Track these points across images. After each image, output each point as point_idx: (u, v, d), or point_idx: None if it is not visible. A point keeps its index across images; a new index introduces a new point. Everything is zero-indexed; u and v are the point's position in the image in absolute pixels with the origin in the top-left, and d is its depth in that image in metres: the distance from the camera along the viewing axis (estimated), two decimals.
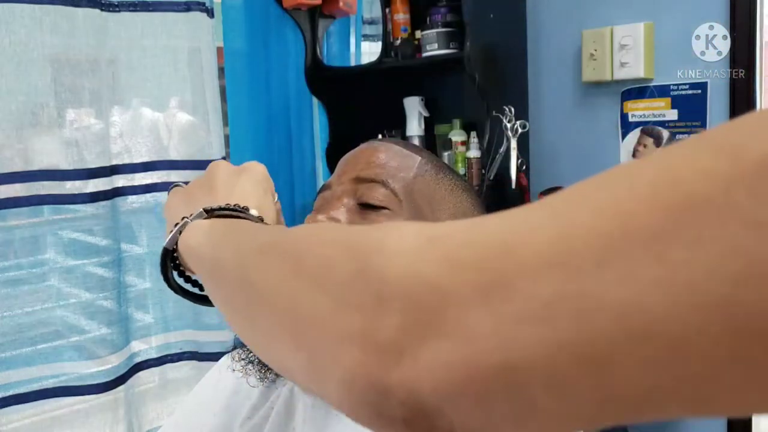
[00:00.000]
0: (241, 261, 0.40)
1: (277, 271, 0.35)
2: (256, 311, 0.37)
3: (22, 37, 1.36)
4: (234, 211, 0.53)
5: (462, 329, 0.25)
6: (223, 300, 0.44)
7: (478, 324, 0.24)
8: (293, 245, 0.36)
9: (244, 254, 0.41)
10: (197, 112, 1.64)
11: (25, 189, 1.40)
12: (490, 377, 0.24)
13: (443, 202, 0.77)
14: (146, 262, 1.65)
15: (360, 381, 0.27)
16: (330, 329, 0.29)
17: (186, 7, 1.57)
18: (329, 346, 0.29)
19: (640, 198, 0.22)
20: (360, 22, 2.21)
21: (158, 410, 1.66)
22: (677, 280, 0.20)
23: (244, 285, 0.38)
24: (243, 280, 0.39)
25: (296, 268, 0.34)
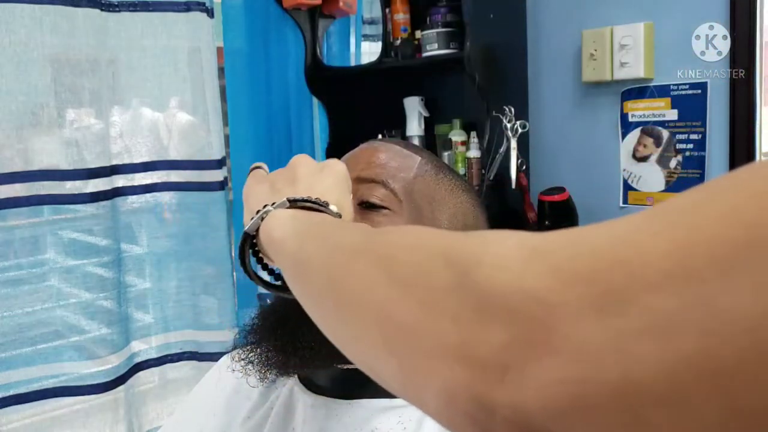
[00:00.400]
0: (330, 261, 0.40)
1: (368, 276, 0.35)
2: (344, 313, 0.37)
3: (22, 37, 1.36)
4: (315, 204, 0.53)
5: (574, 345, 0.23)
6: (307, 297, 0.43)
7: (592, 339, 0.23)
8: (385, 249, 0.36)
9: (332, 254, 0.40)
10: (197, 112, 1.64)
11: (25, 189, 1.40)
12: (605, 394, 0.23)
13: (443, 202, 0.77)
14: (146, 262, 1.65)
15: (461, 396, 0.27)
16: (425, 339, 0.29)
17: (186, 7, 1.57)
18: (424, 356, 0.28)
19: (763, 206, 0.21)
20: (360, 22, 2.21)
21: (158, 410, 1.66)
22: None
23: (332, 286, 0.38)
24: (331, 281, 0.38)
25: (388, 273, 0.33)
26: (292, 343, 0.67)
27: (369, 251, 0.37)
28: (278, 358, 0.68)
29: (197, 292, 1.68)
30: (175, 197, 1.64)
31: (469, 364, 0.26)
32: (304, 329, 0.68)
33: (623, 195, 1.91)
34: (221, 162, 1.65)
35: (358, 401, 0.72)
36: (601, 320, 0.23)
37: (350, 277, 0.36)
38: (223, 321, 1.67)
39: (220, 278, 1.67)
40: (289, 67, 1.99)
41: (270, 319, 0.71)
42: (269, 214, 0.52)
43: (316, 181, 0.58)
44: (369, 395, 0.73)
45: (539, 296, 0.25)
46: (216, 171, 1.64)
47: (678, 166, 1.66)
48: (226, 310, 1.67)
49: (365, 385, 0.73)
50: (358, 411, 0.72)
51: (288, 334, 0.68)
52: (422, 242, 0.34)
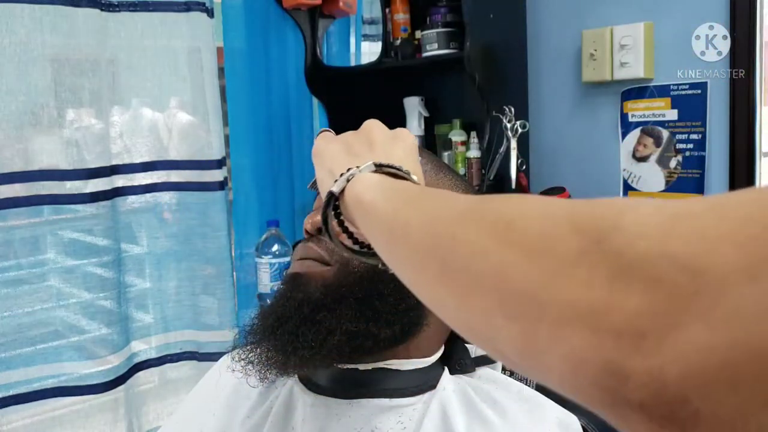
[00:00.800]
0: (433, 227, 0.39)
1: (481, 242, 0.34)
2: (451, 278, 0.35)
3: (22, 37, 1.36)
4: (400, 171, 0.52)
5: (725, 311, 0.23)
6: (404, 262, 0.42)
7: (745, 305, 0.23)
8: (497, 215, 0.35)
9: (435, 220, 0.39)
10: (197, 112, 1.64)
11: (25, 189, 1.40)
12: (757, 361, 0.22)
13: None
14: (146, 262, 1.65)
15: (591, 362, 0.26)
16: (551, 306, 0.28)
17: (186, 7, 1.57)
18: (551, 322, 0.28)
19: None
20: (360, 22, 2.21)
21: (158, 410, 1.66)
22: None
23: (437, 251, 0.37)
24: (436, 246, 0.37)
25: (504, 239, 0.32)
26: (292, 343, 0.67)
27: (479, 218, 0.36)
28: (278, 358, 0.68)
29: (197, 292, 1.68)
30: (175, 197, 1.64)
31: (601, 331, 0.26)
32: (303, 329, 0.68)
33: (623, 195, 1.91)
34: (221, 162, 1.65)
35: (357, 401, 0.72)
36: (754, 285, 0.23)
37: (459, 242, 0.35)
38: (223, 321, 1.67)
39: (220, 278, 1.67)
40: (289, 67, 1.99)
41: (270, 319, 0.71)
42: (355, 177, 0.51)
43: (392, 149, 0.56)
44: (369, 395, 0.73)
45: (685, 261, 0.24)
46: (216, 171, 1.64)
47: (678, 166, 1.66)
48: (226, 310, 1.67)
49: (365, 384, 0.73)
50: (357, 411, 0.72)
51: (288, 334, 0.68)
52: (541, 209, 0.33)
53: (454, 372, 0.77)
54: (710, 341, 0.23)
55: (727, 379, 0.23)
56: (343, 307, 0.68)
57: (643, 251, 0.26)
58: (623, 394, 0.25)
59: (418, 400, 0.73)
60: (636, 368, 0.25)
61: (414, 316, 0.72)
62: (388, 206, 0.45)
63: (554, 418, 0.71)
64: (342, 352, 0.68)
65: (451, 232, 0.37)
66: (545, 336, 0.28)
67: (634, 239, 0.26)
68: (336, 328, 0.67)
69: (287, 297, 0.71)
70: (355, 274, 0.70)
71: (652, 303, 0.25)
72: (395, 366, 0.73)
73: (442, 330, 0.78)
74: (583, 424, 0.76)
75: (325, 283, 0.70)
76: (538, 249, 0.30)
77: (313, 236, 0.73)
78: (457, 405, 0.71)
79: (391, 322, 0.69)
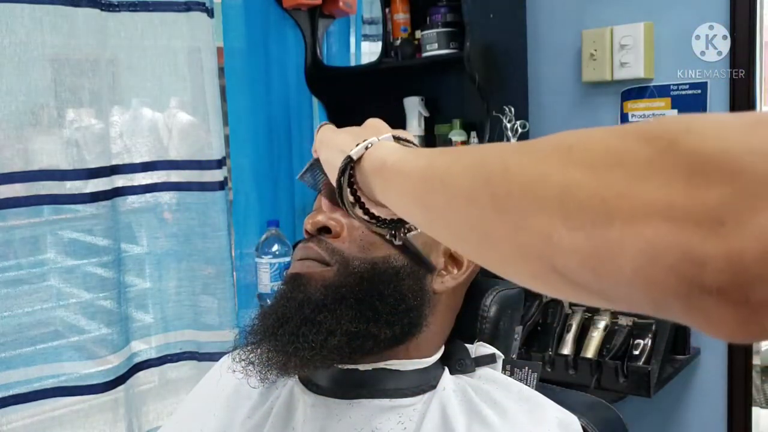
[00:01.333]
0: (481, 165, 0.39)
1: (538, 167, 0.34)
2: (505, 207, 0.36)
3: (22, 37, 1.36)
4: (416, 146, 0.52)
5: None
6: (443, 209, 0.42)
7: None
8: (557, 143, 0.35)
9: (483, 159, 0.39)
10: (197, 112, 1.64)
11: (25, 189, 1.40)
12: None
13: None
14: (146, 262, 1.65)
15: (670, 252, 0.27)
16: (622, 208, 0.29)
17: (186, 7, 1.57)
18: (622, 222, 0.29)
19: None
20: (360, 22, 2.20)
21: (158, 410, 1.66)
22: None
23: (488, 186, 0.37)
24: (486, 181, 0.37)
25: (567, 160, 0.33)
26: (293, 344, 0.67)
27: (532, 150, 0.36)
28: (279, 358, 0.68)
29: (197, 292, 1.68)
30: (175, 197, 1.64)
31: (679, 222, 0.27)
32: (304, 330, 0.68)
33: None
34: (221, 162, 1.65)
35: (358, 401, 0.73)
36: None
37: (513, 173, 0.35)
38: (223, 321, 1.67)
39: (220, 278, 1.67)
40: (289, 67, 1.99)
41: (270, 319, 0.71)
42: (375, 145, 0.51)
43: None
44: (369, 395, 0.73)
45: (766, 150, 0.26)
46: (216, 171, 1.64)
47: None
48: (226, 310, 1.67)
49: (365, 385, 0.73)
50: (358, 411, 0.72)
51: (289, 334, 0.68)
52: (602, 132, 0.33)
53: (454, 372, 0.77)
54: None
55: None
56: (343, 308, 0.68)
57: (722, 147, 0.27)
58: (700, 280, 0.26)
59: (418, 400, 0.73)
60: (715, 253, 0.26)
61: (414, 316, 0.72)
62: (420, 161, 0.45)
63: (554, 418, 0.71)
64: (342, 352, 0.68)
65: (502, 166, 0.37)
66: (616, 237, 0.29)
67: (710, 139, 0.27)
68: (336, 328, 0.67)
69: (288, 297, 0.71)
70: (356, 274, 0.70)
71: (734, 192, 0.26)
72: (395, 366, 0.73)
73: (443, 330, 0.79)
74: (583, 424, 0.76)
75: (325, 284, 0.70)
76: (605, 163, 0.31)
77: (313, 236, 0.74)
78: (457, 405, 0.71)
79: (391, 323, 0.69)
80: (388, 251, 0.71)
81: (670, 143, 0.28)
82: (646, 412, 1.90)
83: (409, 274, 0.72)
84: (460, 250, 0.44)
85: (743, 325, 0.27)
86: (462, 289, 0.80)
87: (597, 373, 1.59)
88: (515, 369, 0.83)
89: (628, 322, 1.67)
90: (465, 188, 0.39)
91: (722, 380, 1.82)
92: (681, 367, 1.71)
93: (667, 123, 0.30)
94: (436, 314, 0.75)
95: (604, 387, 1.58)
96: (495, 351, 0.79)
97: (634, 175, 0.29)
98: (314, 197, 0.80)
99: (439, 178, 0.42)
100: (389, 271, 0.71)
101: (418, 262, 0.72)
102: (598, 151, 0.31)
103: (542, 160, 0.34)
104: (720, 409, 1.83)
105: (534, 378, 0.83)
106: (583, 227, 0.31)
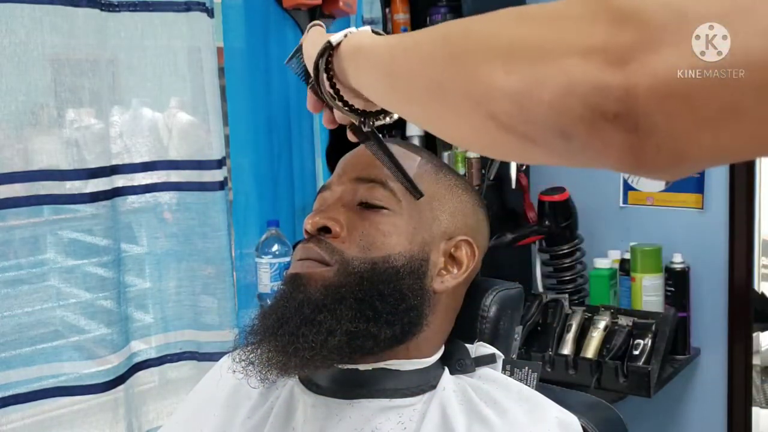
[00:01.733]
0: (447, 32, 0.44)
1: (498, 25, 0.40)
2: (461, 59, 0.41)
3: (22, 37, 1.36)
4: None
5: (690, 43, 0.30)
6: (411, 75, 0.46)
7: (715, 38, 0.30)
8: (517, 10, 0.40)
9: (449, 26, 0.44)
10: (197, 112, 1.64)
11: (25, 189, 1.40)
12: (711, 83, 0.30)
13: (443, 201, 0.77)
14: (146, 262, 1.65)
15: (582, 84, 0.33)
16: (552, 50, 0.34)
17: (186, 7, 1.57)
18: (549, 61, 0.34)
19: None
20: (360, 22, 2.20)
21: (158, 410, 1.66)
22: None
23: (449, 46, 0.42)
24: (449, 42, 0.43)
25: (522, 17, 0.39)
26: (293, 344, 0.67)
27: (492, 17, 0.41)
28: (279, 358, 0.68)
29: (197, 292, 1.68)
30: (175, 197, 1.64)
31: (594, 60, 0.32)
32: (304, 330, 0.68)
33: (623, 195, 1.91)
34: (221, 162, 1.65)
35: (358, 401, 0.73)
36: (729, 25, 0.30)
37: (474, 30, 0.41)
38: (223, 321, 1.67)
39: (220, 278, 1.67)
40: None
41: (270, 319, 0.71)
42: (353, 33, 0.56)
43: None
44: (369, 395, 0.73)
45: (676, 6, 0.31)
46: (216, 171, 1.64)
47: None
48: (226, 310, 1.67)
49: (365, 385, 0.73)
50: (358, 411, 0.72)
51: (289, 334, 0.68)
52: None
53: (454, 372, 0.77)
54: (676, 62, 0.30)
55: (683, 94, 0.30)
56: (343, 308, 0.68)
57: (642, 3, 0.32)
58: (603, 108, 0.32)
59: (418, 400, 0.73)
60: (617, 85, 0.31)
61: (414, 316, 0.72)
62: (391, 40, 0.51)
63: (554, 417, 0.71)
64: (342, 352, 0.68)
65: (463, 29, 0.43)
66: (542, 73, 0.35)
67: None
68: (336, 328, 0.67)
69: (288, 297, 0.71)
70: (356, 274, 0.70)
71: (641, 37, 0.31)
72: (395, 366, 0.73)
73: (443, 330, 0.79)
74: (583, 424, 0.76)
75: (325, 284, 0.70)
76: (549, 18, 0.37)
77: (313, 236, 0.74)
78: (457, 405, 0.71)
79: (391, 323, 0.70)
80: (388, 251, 0.72)
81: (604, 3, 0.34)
82: (646, 412, 1.90)
83: (409, 273, 0.72)
84: (414, 114, 0.49)
85: (633, 150, 0.32)
86: (462, 289, 0.80)
87: (597, 373, 1.59)
88: (515, 369, 0.83)
89: (628, 322, 1.67)
90: (426, 51, 0.45)
91: (722, 380, 1.83)
92: (681, 367, 1.71)
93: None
94: (436, 314, 0.75)
95: (604, 387, 1.59)
96: (495, 351, 0.79)
97: (568, 25, 0.35)
98: (314, 197, 0.80)
99: (404, 47, 0.48)
100: (389, 271, 0.71)
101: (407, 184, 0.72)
102: (546, 11, 0.37)
103: (500, 21, 0.40)
104: (720, 409, 1.84)
105: (534, 378, 0.83)
106: (519, 70, 0.36)
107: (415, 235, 0.73)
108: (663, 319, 1.64)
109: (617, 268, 1.87)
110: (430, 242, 0.74)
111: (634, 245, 1.81)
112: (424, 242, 0.74)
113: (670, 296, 1.76)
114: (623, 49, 0.31)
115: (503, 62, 0.37)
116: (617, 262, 1.88)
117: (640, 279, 1.77)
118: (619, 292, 1.86)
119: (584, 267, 1.89)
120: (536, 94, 0.35)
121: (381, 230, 0.72)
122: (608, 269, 1.86)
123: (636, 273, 1.78)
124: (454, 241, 0.76)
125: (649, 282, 1.76)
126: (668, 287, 1.76)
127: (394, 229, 0.72)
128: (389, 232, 0.72)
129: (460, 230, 0.77)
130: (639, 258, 1.78)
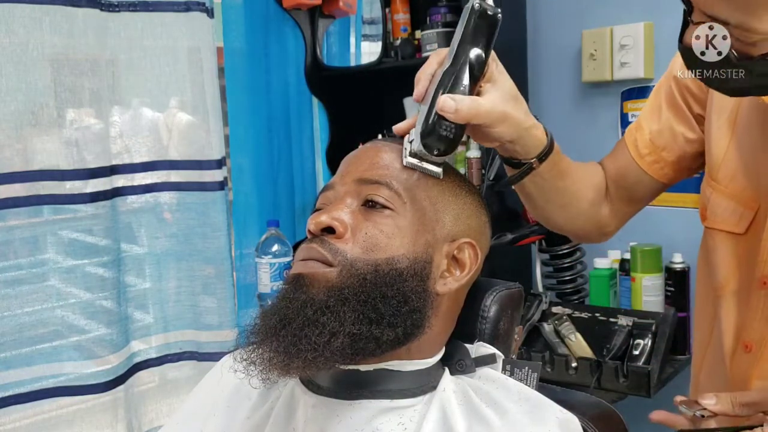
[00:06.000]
0: None
1: None
2: None
3: (22, 37, 1.36)
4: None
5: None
6: None
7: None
8: None
9: None
10: (197, 112, 1.64)
11: (25, 189, 1.40)
12: None
13: (447, 202, 0.77)
14: (146, 262, 1.65)
15: None
16: None
17: (186, 7, 1.57)
18: None
19: None
20: (360, 22, 2.20)
21: (158, 410, 1.66)
22: None
23: None
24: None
25: None
26: (296, 345, 0.67)
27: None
28: (281, 359, 0.67)
29: (197, 292, 1.68)
30: (175, 197, 1.64)
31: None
32: (307, 331, 0.67)
33: None
34: (221, 162, 1.65)
35: (359, 402, 0.72)
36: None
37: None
38: (223, 321, 1.67)
39: (220, 278, 1.67)
40: (289, 67, 1.99)
41: (273, 319, 0.70)
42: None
43: None
44: (370, 396, 0.73)
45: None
46: (216, 171, 1.64)
47: None
48: (226, 310, 1.67)
49: (366, 385, 0.73)
50: (359, 411, 0.72)
51: (291, 335, 0.67)
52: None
53: (454, 373, 0.77)
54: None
55: None
56: (346, 309, 0.68)
57: None
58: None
59: (418, 401, 0.73)
60: None
61: (417, 318, 0.72)
62: None
63: (554, 418, 0.71)
64: (345, 354, 0.68)
65: None
66: None
67: None
68: (339, 330, 0.67)
69: (290, 298, 0.70)
70: (359, 275, 0.70)
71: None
72: (396, 367, 0.73)
73: (444, 332, 0.78)
74: (583, 424, 0.76)
75: (328, 285, 0.70)
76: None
77: (316, 237, 0.73)
78: (457, 406, 0.71)
79: (394, 325, 0.69)
80: (391, 252, 0.71)
81: None
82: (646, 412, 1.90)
83: (412, 275, 0.71)
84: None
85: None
86: (464, 291, 0.80)
87: (597, 373, 1.59)
88: (515, 369, 0.82)
89: (628, 322, 1.67)
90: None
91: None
92: (681, 367, 1.71)
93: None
94: (438, 316, 0.75)
95: (604, 387, 1.59)
96: (495, 351, 0.79)
97: None
98: (314, 197, 0.80)
99: None
100: (392, 273, 0.70)
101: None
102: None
103: None
104: None
105: (534, 378, 0.83)
106: None
107: (419, 237, 0.73)
108: (663, 319, 1.64)
109: (617, 268, 1.87)
110: (434, 244, 0.74)
111: (634, 245, 1.80)
112: (428, 244, 0.73)
113: (670, 296, 1.76)
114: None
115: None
116: (617, 262, 1.88)
117: (640, 279, 1.77)
118: (619, 292, 1.86)
119: (584, 267, 1.89)
120: None
121: (385, 231, 0.72)
122: (608, 269, 1.86)
123: (636, 273, 1.78)
124: (457, 243, 0.76)
125: (649, 282, 1.76)
126: (668, 287, 1.76)
127: (398, 231, 0.72)
128: (393, 234, 0.72)
129: (463, 232, 0.77)
130: (639, 258, 1.78)
